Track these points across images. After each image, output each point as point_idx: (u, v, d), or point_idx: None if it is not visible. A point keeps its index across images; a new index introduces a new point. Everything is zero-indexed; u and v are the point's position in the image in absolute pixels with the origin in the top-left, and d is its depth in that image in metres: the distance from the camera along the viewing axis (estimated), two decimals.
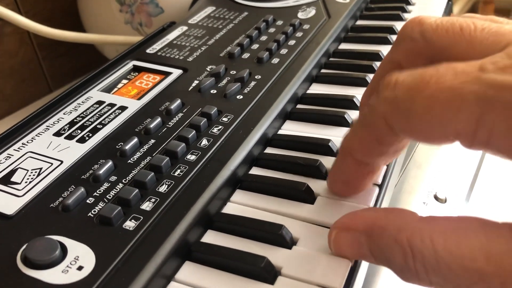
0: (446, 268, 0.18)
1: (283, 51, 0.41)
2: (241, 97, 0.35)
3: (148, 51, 0.43)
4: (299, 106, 0.37)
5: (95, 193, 0.27)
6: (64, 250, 0.23)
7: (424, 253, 0.19)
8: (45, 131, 0.32)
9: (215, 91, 0.36)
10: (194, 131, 0.31)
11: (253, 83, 0.37)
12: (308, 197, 0.28)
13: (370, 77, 0.39)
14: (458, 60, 0.20)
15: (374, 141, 0.23)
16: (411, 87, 0.20)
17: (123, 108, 0.34)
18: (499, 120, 0.17)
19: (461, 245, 0.18)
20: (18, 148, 0.31)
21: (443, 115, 0.19)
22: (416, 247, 0.19)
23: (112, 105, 0.35)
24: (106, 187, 0.27)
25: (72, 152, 0.30)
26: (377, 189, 0.28)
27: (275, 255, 0.24)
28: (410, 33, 0.24)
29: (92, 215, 0.25)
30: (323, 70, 0.42)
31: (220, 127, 0.32)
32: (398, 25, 0.47)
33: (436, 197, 0.35)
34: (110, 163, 0.29)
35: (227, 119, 0.33)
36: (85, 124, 0.33)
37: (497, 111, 0.17)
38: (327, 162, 0.30)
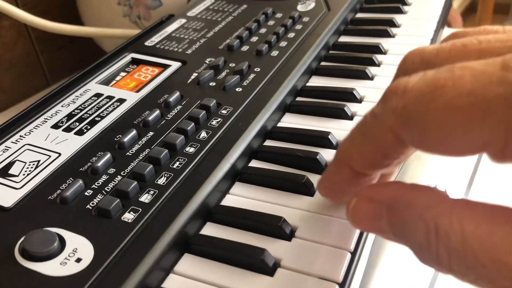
0: (472, 257, 0.16)
1: (283, 43, 0.41)
2: (240, 89, 0.35)
3: (146, 43, 0.43)
4: (298, 98, 0.37)
5: (93, 186, 0.27)
6: (62, 242, 0.23)
7: (451, 237, 0.17)
8: (43, 123, 0.32)
9: (214, 84, 0.36)
10: (193, 124, 0.31)
11: (252, 76, 0.36)
12: (307, 189, 0.28)
13: (370, 69, 0.38)
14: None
15: (377, 155, 0.21)
16: (424, 93, 0.17)
17: (121, 101, 0.34)
18: None
19: (493, 235, 0.16)
20: (16, 140, 0.31)
21: (466, 125, 0.16)
22: (442, 229, 0.17)
23: (110, 97, 0.35)
24: (104, 179, 0.27)
25: (70, 144, 0.30)
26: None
27: (274, 247, 0.24)
28: (410, 65, 0.21)
29: (90, 207, 0.25)
30: (322, 63, 0.41)
31: (219, 119, 0.32)
32: (398, 18, 0.47)
33: None
34: (108, 155, 0.28)
35: (226, 112, 0.32)
36: (83, 116, 0.33)
37: None
38: (327, 154, 0.30)
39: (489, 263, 0.16)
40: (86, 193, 0.26)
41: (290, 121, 0.35)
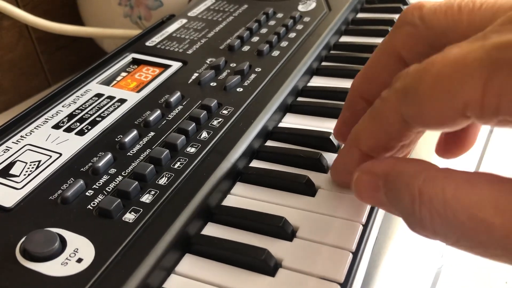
0: (452, 216, 0.18)
1: (284, 43, 0.41)
2: (241, 89, 0.35)
3: (147, 44, 0.43)
4: (299, 98, 0.37)
5: (94, 186, 0.27)
6: (63, 242, 0.23)
7: (432, 199, 0.18)
8: (44, 123, 0.32)
9: (215, 84, 0.36)
10: (194, 124, 0.31)
11: (253, 76, 0.36)
12: (309, 189, 0.28)
13: None
14: (461, 41, 0.19)
15: (383, 134, 0.22)
16: (418, 70, 0.19)
17: (122, 101, 0.34)
18: (507, 79, 0.16)
19: (471, 195, 0.18)
20: (17, 140, 0.31)
21: (448, 89, 0.18)
22: (425, 193, 0.19)
23: (111, 97, 0.35)
24: (105, 179, 0.27)
25: (71, 144, 0.30)
26: None
27: (275, 247, 0.24)
28: (410, 18, 0.23)
29: (91, 208, 0.25)
30: (323, 63, 0.41)
31: (220, 119, 0.32)
32: None
33: None
34: (109, 155, 0.28)
35: (227, 112, 0.32)
36: (84, 116, 0.33)
37: (504, 71, 0.16)
38: (328, 155, 0.30)
39: (468, 220, 0.17)
40: (87, 193, 0.26)
41: (291, 121, 0.35)
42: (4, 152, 0.30)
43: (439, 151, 0.27)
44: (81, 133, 0.31)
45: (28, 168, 0.28)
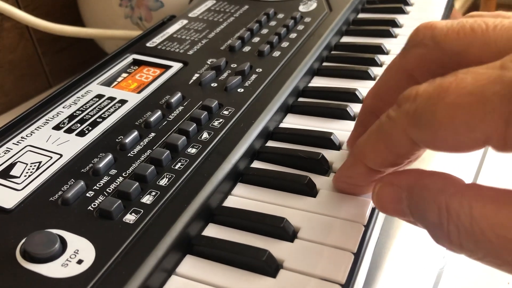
0: (479, 233, 0.18)
1: (284, 44, 0.41)
2: (242, 90, 0.35)
3: (148, 44, 0.43)
4: (300, 99, 0.37)
5: (95, 187, 0.27)
6: (63, 243, 0.23)
7: (460, 215, 0.18)
8: (44, 124, 0.32)
9: (215, 84, 0.36)
10: (195, 124, 0.31)
11: (254, 76, 0.36)
12: (310, 190, 0.28)
13: (372, 69, 0.38)
14: (474, 63, 0.19)
15: (391, 154, 0.23)
16: (431, 96, 0.19)
17: (123, 102, 0.34)
18: None
19: (499, 214, 0.18)
20: (17, 141, 0.30)
21: (468, 121, 0.18)
22: (453, 209, 0.19)
23: (112, 98, 0.35)
24: (106, 180, 0.27)
25: (71, 145, 0.30)
26: None
27: (276, 248, 0.24)
28: (421, 38, 0.23)
29: (92, 209, 0.25)
30: (324, 63, 0.41)
31: (221, 120, 0.32)
32: (400, 18, 0.46)
33: None
34: (110, 156, 0.28)
35: (228, 112, 0.32)
36: (84, 117, 0.33)
37: None
38: (329, 155, 0.30)
39: (495, 238, 0.17)
40: (87, 195, 0.26)
41: (292, 121, 0.35)
42: (5, 153, 0.29)
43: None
44: (81, 134, 0.31)
45: (29, 169, 0.28)
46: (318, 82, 0.39)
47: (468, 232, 0.18)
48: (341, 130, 0.32)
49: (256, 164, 0.31)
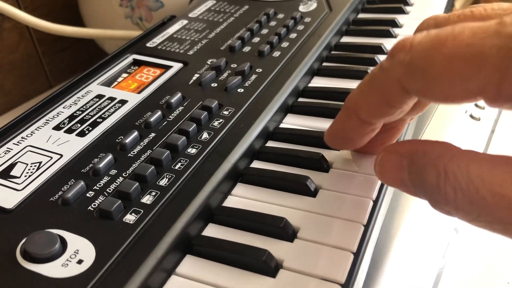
0: (475, 192, 0.19)
1: (284, 44, 0.41)
2: (242, 90, 0.35)
3: (148, 45, 0.43)
4: (300, 99, 0.37)
5: (95, 187, 0.27)
6: (64, 243, 0.23)
7: (457, 175, 0.19)
8: (44, 125, 0.32)
9: (215, 85, 0.36)
10: (195, 125, 0.31)
11: (254, 76, 0.36)
12: (310, 190, 0.28)
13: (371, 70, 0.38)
14: None
15: (383, 104, 0.23)
16: (428, 47, 0.20)
17: (123, 102, 0.34)
18: None
19: (493, 174, 0.19)
20: (18, 142, 0.31)
21: (465, 72, 0.18)
22: (450, 171, 0.20)
23: (112, 98, 0.35)
24: (106, 180, 0.27)
25: (71, 146, 0.30)
26: (379, 182, 0.28)
27: (276, 248, 0.24)
28: (425, 27, 0.24)
29: (92, 209, 0.25)
30: (324, 63, 0.41)
31: (221, 120, 0.32)
32: (400, 18, 0.46)
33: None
34: (110, 156, 0.28)
35: (228, 113, 0.32)
36: (85, 118, 0.33)
37: None
38: (329, 155, 0.30)
39: (489, 195, 0.18)
40: (87, 195, 0.26)
41: (292, 122, 0.35)
42: (5, 153, 0.30)
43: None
44: (82, 134, 0.31)
45: (29, 169, 0.28)
46: (318, 82, 0.39)
47: (464, 192, 0.19)
48: None
49: (256, 164, 0.31)
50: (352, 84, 0.37)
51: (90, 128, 0.32)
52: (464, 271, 0.32)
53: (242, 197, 0.28)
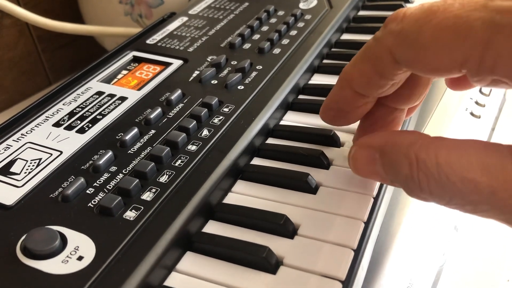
0: (445, 178, 0.20)
1: (285, 41, 0.41)
2: (242, 87, 0.35)
3: (148, 41, 0.42)
4: (300, 96, 0.37)
5: (95, 184, 0.27)
6: (64, 240, 0.23)
7: (427, 164, 0.20)
8: (44, 121, 0.32)
9: (216, 82, 0.36)
10: (195, 122, 0.31)
11: (254, 74, 0.36)
12: (310, 187, 0.28)
13: None
14: None
15: (375, 74, 0.23)
16: (419, 17, 0.20)
17: (123, 99, 0.34)
18: (506, 43, 0.18)
19: (461, 159, 0.19)
20: (17, 138, 0.30)
21: (450, 42, 0.19)
22: (421, 159, 0.20)
23: (112, 95, 0.35)
24: (106, 177, 0.27)
25: (71, 142, 0.30)
26: (378, 183, 0.28)
27: (277, 244, 0.24)
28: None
29: (92, 206, 0.25)
30: (325, 61, 0.41)
31: (221, 117, 0.32)
32: None
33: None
34: (110, 153, 0.28)
35: (228, 110, 0.32)
36: (84, 114, 0.33)
37: (504, 34, 0.18)
38: (329, 152, 0.30)
39: (458, 180, 0.19)
40: (87, 191, 0.26)
41: (292, 119, 0.35)
42: (5, 150, 0.29)
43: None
44: (81, 131, 0.31)
45: (29, 166, 0.28)
46: (318, 79, 0.39)
47: (435, 178, 0.20)
48: (342, 127, 0.32)
49: (256, 161, 0.31)
50: None
51: (90, 125, 0.32)
52: (464, 268, 0.32)
53: (242, 194, 0.28)
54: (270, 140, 0.32)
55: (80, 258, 0.22)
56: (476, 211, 0.20)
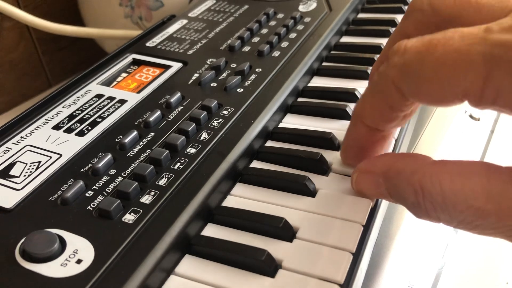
0: (451, 206, 0.20)
1: (284, 44, 0.41)
2: (242, 90, 0.35)
3: (147, 44, 0.43)
4: (300, 99, 0.37)
5: (94, 187, 0.27)
6: (63, 243, 0.23)
7: (432, 193, 0.20)
8: (44, 124, 0.32)
9: (215, 84, 0.36)
10: (194, 124, 0.31)
11: (253, 76, 0.36)
12: (309, 190, 0.28)
13: (371, 70, 0.38)
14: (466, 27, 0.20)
15: (385, 107, 0.24)
16: (420, 51, 0.20)
17: (122, 102, 0.34)
18: (506, 77, 0.18)
19: (465, 186, 0.20)
20: (17, 141, 0.31)
21: (451, 76, 0.19)
22: (426, 188, 0.21)
23: (111, 98, 0.35)
24: (105, 180, 0.27)
25: (71, 145, 0.30)
26: None
27: (275, 248, 0.24)
28: (420, 5, 0.25)
29: (91, 209, 0.25)
30: (324, 63, 0.41)
31: (220, 120, 0.32)
32: (400, 18, 0.46)
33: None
34: (109, 156, 0.28)
35: (227, 112, 0.32)
36: (84, 117, 0.33)
37: (503, 69, 0.18)
38: (328, 155, 0.30)
39: (465, 209, 0.20)
40: (86, 194, 0.26)
41: (291, 121, 0.35)
42: (4, 153, 0.30)
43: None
44: (81, 134, 0.31)
45: (28, 169, 0.28)
46: (317, 82, 0.39)
47: (442, 207, 0.20)
48: (341, 130, 0.32)
49: (255, 164, 0.31)
50: (351, 84, 0.37)
51: (90, 128, 0.32)
52: (463, 271, 0.32)
53: (241, 197, 0.28)
54: (269, 143, 0.32)
55: (79, 261, 0.22)
56: (484, 233, 0.20)
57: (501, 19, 0.19)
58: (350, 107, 0.34)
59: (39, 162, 0.29)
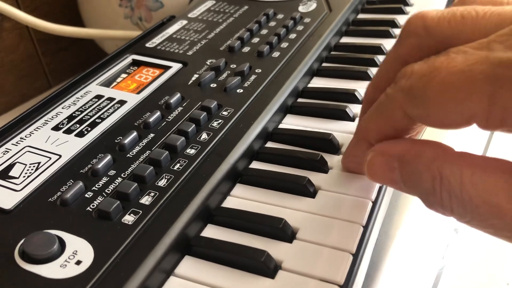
0: (468, 199, 0.19)
1: (284, 44, 0.41)
2: (241, 91, 0.35)
3: (147, 45, 0.43)
4: (300, 100, 0.37)
5: (93, 187, 0.27)
6: (62, 244, 0.23)
7: (451, 181, 0.20)
8: (43, 125, 0.32)
9: (215, 85, 0.36)
10: (194, 125, 0.31)
11: (253, 77, 0.36)
12: (309, 191, 0.27)
13: (371, 70, 0.38)
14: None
15: (390, 129, 0.24)
16: (424, 74, 0.20)
17: (122, 102, 0.34)
18: (511, 96, 0.18)
19: (486, 181, 0.19)
20: (16, 142, 0.30)
21: (456, 98, 0.19)
22: (445, 175, 0.20)
23: (111, 99, 0.35)
24: (105, 181, 0.27)
25: (70, 146, 0.30)
26: (377, 185, 0.28)
27: (275, 249, 0.24)
28: (413, 29, 0.24)
29: (90, 210, 0.25)
30: (324, 64, 0.41)
31: (220, 121, 0.32)
32: (400, 18, 0.46)
33: None
34: (109, 157, 0.28)
35: (227, 113, 0.32)
36: (83, 118, 0.33)
37: (507, 88, 0.17)
38: (328, 156, 0.30)
39: (482, 204, 0.19)
40: (86, 195, 0.26)
41: (291, 122, 0.34)
42: (4, 154, 0.29)
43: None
44: (80, 134, 0.31)
45: (28, 169, 0.28)
46: (317, 82, 0.39)
47: (458, 198, 0.19)
48: (340, 131, 0.32)
49: (255, 165, 0.31)
50: (351, 85, 0.37)
51: (89, 129, 0.32)
52: (464, 272, 0.32)
53: (241, 198, 0.28)
54: (269, 144, 0.32)
55: (78, 263, 0.22)
56: (496, 234, 0.20)
57: (499, 31, 0.19)
58: (350, 107, 0.34)
59: (39, 163, 0.29)
